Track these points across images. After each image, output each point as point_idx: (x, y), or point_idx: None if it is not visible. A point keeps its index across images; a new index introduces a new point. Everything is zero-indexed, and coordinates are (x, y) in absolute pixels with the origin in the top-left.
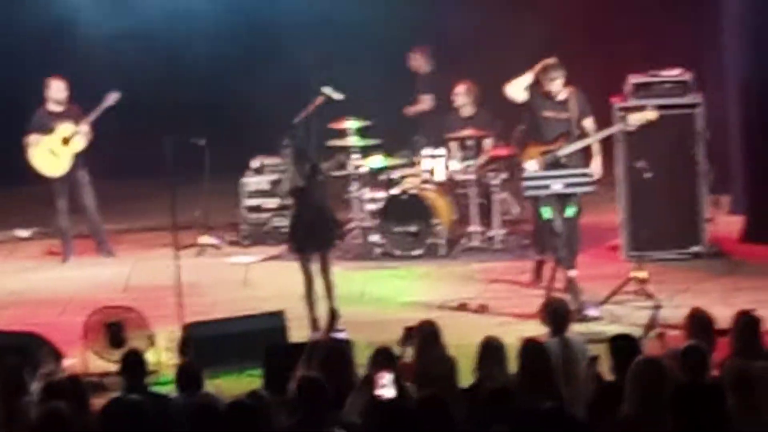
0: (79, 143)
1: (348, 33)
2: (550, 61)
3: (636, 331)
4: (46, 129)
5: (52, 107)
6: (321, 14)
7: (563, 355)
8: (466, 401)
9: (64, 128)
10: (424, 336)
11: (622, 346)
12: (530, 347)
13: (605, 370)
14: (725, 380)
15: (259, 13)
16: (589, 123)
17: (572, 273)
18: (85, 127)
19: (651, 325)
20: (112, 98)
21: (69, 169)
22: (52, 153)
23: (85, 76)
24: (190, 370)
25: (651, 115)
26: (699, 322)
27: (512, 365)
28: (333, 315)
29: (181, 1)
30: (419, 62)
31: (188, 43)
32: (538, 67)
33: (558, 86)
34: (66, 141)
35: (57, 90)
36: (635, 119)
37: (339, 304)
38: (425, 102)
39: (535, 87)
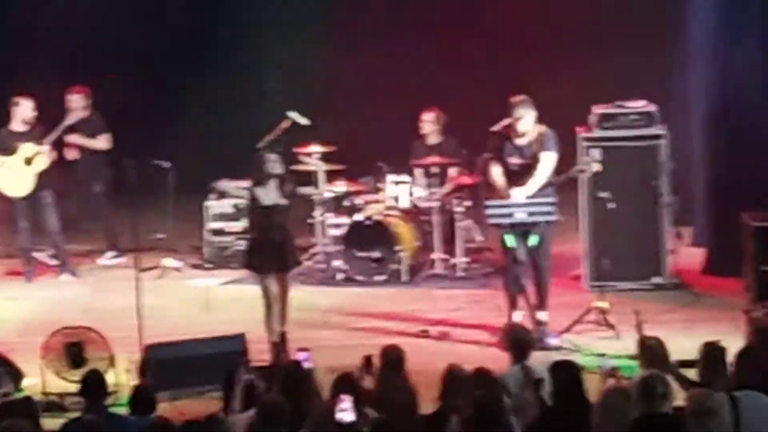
0: (42, 163)
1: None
2: (518, 98)
3: (595, 362)
4: (8, 149)
5: (16, 126)
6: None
7: (525, 382)
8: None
9: (26, 148)
10: (389, 361)
11: (562, 372)
12: (481, 378)
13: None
14: (689, 409)
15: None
16: (545, 156)
17: (542, 316)
18: (46, 147)
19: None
20: (72, 117)
21: (32, 190)
22: (14, 173)
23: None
24: (144, 392)
25: (596, 166)
26: (650, 350)
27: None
28: (283, 339)
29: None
30: (78, 104)
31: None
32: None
33: (525, 125)
34: (28, 161)
35: (27, 109)
36: (576, 170)
37: (296, 328)
38: (106, 141)
39: (506, 129)
